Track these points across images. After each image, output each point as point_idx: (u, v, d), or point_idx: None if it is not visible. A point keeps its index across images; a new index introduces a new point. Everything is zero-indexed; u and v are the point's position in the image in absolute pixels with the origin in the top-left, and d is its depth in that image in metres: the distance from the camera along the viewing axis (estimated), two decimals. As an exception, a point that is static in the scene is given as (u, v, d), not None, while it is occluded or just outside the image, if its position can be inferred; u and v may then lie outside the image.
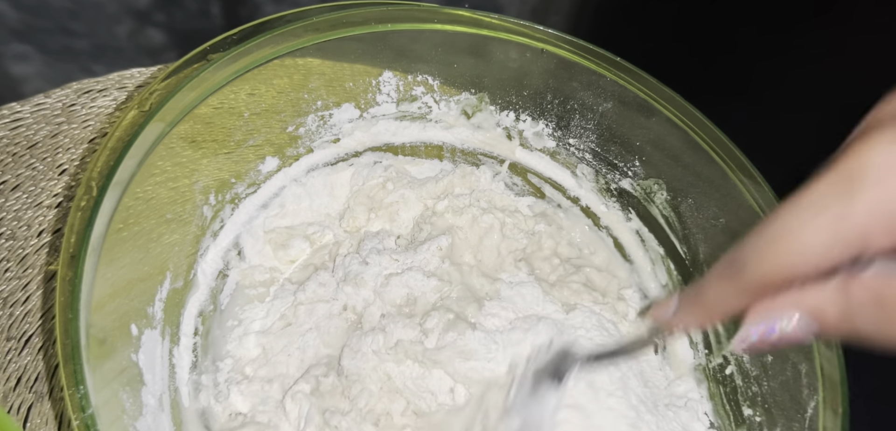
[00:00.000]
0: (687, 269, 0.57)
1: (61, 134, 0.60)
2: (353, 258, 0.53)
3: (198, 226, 0.52)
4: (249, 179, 0.56)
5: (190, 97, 0.46)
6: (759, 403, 0.49)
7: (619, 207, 0.61)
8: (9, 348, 0.50)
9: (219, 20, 0.64)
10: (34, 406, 0.48)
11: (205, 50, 0.47)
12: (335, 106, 0.58)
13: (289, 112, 0.56)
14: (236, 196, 0.55)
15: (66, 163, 0.59)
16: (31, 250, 0.54)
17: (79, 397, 0.34)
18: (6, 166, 0.57)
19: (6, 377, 0.49)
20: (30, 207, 0.56)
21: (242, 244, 0.55)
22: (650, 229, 0.59)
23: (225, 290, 0.53)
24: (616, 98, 0.56)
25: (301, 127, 0.57)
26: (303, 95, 0.56)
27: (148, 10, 0.62)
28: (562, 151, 0.62)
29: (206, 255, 0.53)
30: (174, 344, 0.48)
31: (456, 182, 0.61)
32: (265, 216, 0.56)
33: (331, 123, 0.59)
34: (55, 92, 0.62)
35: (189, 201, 0.51)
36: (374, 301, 0.51)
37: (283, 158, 0.58)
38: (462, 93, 0.60)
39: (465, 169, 0.62)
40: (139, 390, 0.42)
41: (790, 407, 0.46)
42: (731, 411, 0.51)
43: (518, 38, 0.54)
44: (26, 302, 0.52)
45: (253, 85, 0.51)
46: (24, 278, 0.53)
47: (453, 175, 0.61)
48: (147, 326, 0.45)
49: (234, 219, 0.55)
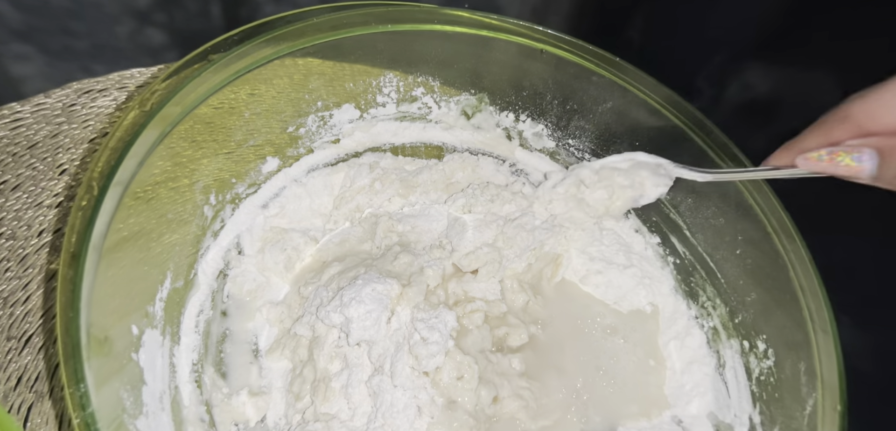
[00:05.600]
0: (687, 268, 0.57)
1: (61, 134, 0.60)
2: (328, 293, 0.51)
3: (198, 226, 0.52)
4: (250, 179, 0.56)
5: (191, 97, 0.46)
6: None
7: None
8: (9, 348, 0.50)
9: (219, 20, 0.64)
10: (34, 406, 0.48)
11: (205, 50, 0.47)
12: (335, 106, 0.58)
13: (289, 112, 0.56)
14: (237, 196, 0.55)
15: (66, 163, 0.59)
16: (32, 250, 0.55)
17: (79, 395, 0.34)
18: (6, 166, 0.58)
19: (6, 376, 0.49)
20: (30, 207, 0.56)
21: (243, 244, 0.55)
22: (650, 229, 0.60)
23: (225, 289, 0.53)
24: (615, 98, 0.56)
25: (301, 127, 0.57)
26: (303, 95, 0.56)
27: (148, 11, 0.61)
28: (561, 151, 0.62)
29: (207, 255, 0.53)
30: (175, 343, 0.48)
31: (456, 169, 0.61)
32: (266, 216, 0.56)
33: (331, 123, 0.59)
34: (55, 92, 0.62)
35: (190, 201, 0.51)
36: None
37: (284, 159, 0.58)
38: (462, 93, 0.60)
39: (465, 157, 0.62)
40: (140, 389, 0.42)
41: (789, 405, 0.46)
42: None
43: (518, 39, 0.54)
44: (27, 302, 0.52)
45: (253, 85, 0.51)
46: (24, 278, 0.53)
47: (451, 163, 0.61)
48: (148, 325, 0.45)
49: (235, 219, 0.55)
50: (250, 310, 0.53)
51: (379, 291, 0.47)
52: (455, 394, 0.46)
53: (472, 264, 0.53)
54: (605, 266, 0.56)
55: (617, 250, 0.57)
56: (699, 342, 0.54)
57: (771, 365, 0.49)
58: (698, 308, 0.56)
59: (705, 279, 0.55)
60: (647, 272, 0.57)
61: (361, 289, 0.47)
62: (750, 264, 0.52)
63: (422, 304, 0.48)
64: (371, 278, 0.48)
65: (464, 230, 0.54)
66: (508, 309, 0.52)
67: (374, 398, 0.46)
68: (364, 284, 0.48)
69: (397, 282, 0.48)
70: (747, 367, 0.51)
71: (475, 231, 0.54)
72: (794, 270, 0.48)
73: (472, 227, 0.54)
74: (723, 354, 0.53)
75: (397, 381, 0.45)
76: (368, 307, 0.46)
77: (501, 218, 0.55)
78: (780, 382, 0.48)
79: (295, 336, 0.50)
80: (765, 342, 0.50)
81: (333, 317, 0.46)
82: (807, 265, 0.47)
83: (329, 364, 0.48)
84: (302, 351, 0.49)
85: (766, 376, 0.49)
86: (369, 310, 0.46)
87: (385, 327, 0.47)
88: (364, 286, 0.47)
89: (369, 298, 0.47)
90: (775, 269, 0.49)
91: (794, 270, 0.48)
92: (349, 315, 0.46)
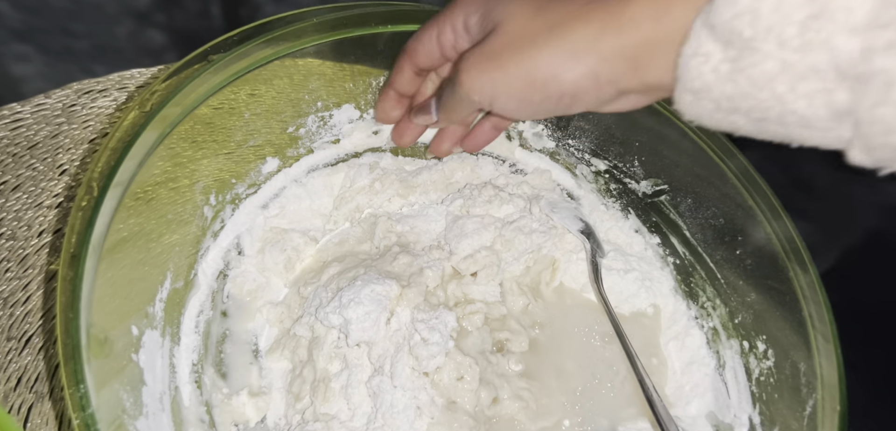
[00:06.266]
0: (687, 269, 0.57)
1: (61, 134, 0.60)
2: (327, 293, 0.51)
3: (198, 226, 0.52)
4: (250, 179, 0.56)
5: (191, 98, 0.46)
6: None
7: (618, 207, 0.61)
8: (9, 348, 0.50)
9: (219, 21, 0.64)
10: (35, 406, 0.49)
11: (205, 51, 0.47)
12: (335, 107, 0.58)
13: (289, 113, 0.56)
14: (237, 197, 0.55)
15: (66, 163, 0.59)
16: (32, 251, 0.55)
17: (79, 396, 0.34)
18: (6, 167, 0.58)
19: (6, 377, 0.49)
20: (30, 207, 0.56)
21: (243, 245, 0.55)
22: (650, 229, 0.60)
23: (225, 290, 0.53)
24: (615, 98, 0.56)
25: (301, 128, 0.57)
26: (303, 95, 0.56)
27: (148, 11, 0.61)
28: (561, 151, 0.62)
29: (207, 255, 0.53)
30: (175, 344, 0.48)
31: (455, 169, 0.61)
32: (265, 216, 0.56)
33: (331, 123, 0.59)
34: (55, 92, 0.62)
35: (190, 202, 0.51)
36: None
37: (284, 159, 0.58)
38: (462, 93, 0.60)
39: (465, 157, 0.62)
40: (140, 389, 0.42)
41: (789, 406, 0.46)
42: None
43: (518, 39, 0.54)
44: (27, 302, 0.52)
45: (254, 86, 0.51)
46: (24, 278, 0.53)
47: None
48: (148, 326, 0.45)
49: (235, 219, 0.55)
50: (250, 311, 0.53)
51: (378, 292, 0.47)
52: (455, 395, 0.46)
53: (471, 268, 0.53)
54: (605, 273, 0.56)
55: (615, 257, 0.57)
56: (699, 342, 0.54)
57: (771, 366, 0.49)
58: (698, 309, 0.56)
59: (705, 280, 0.55)
60: (648, 274, 0.57)
61: (360, 290, 0.47)
62: (750, 265, 0.52)
63: (422, 305, 0.48)
64: (370, 278, 0.48)
65: (462, 233, 0.54)
66: (508, 312, 0.52)
67: (374, 398, 0.46)
68: (363, 285, 0.47)
69: (396, 283, 0.48)
70: (747, 367, 0.51)
71: (473, 234, 0.54)
72: (794, 271, 0.48)
73: (471, 230, 0.54)
74: (722, 354, 0.54)
75: (397, 382, 0.45)
76: (367, 309, 0.46)
77: (499, 220, 0.55)
78: (780, 382, 0.48)
79: (294, 337, 0.50)
80: (764, 342, 0.50)
81: (332, 318, 0.46)
82: (807, 266, 0.47)
83: (329, 365, 0.48)
84: (301, 352, 0.49)
85: (766, 376, 0.49)
86: (368, 311, 0.46)
87: (384, 328, 0.47)
88: (363, 287, 0.47)
89: (368, 299, 0.47)
90: (775, 270, 0.49)
91: (794, 271, 0.48)
92: (348, 317, 0.46)
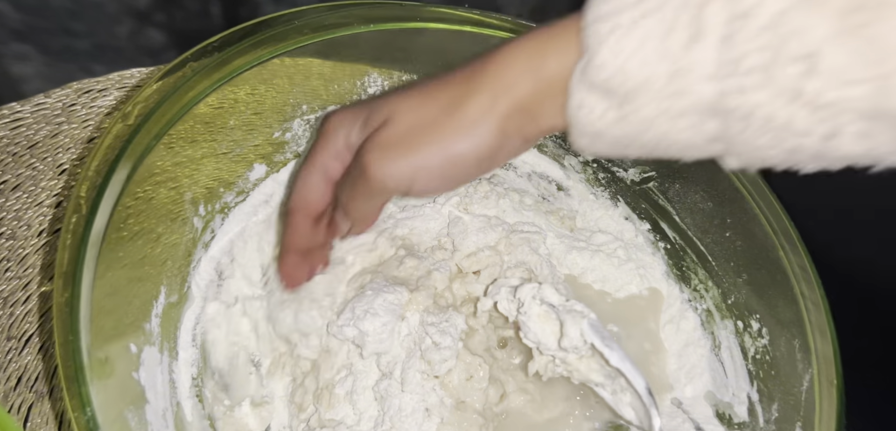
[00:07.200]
0: (678, 253, 0.58)
1: (61, 134, 0.61)
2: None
3: (189, 238, 0.51)
4: (238, 187, 0.55)
5: (178, 105, 0.45)
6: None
7: (607, 195, 0.62)
8: (9, 348, 0.50)
9: (219, 20, 0.63)
10: (34, 406, 0.49)
11: (185, 59, 0.46)
12: (321, 108, 0.57)
13: (274, 118, 0.55)
14: (226, 206, 0.54)
15: (66, 163, 0.60)
16: (32, 250, 0.55)
17: (86, 419, 0.34)
18: (6, 166, 0.58)
19: (6, 376, 0.49)
20: (30, 206, 0.57)
21: (234, 254, 0.54)
22: (640, 216, 0.60)
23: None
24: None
25: (288, 132, 0.57)
26: (288, 99, 0.55)
27: (148, 11, 0.61)
28: (548, 142, 0.62)
29: (199, 267, 0.52)
30: (173, 359, 0.47)
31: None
32: (255, 223, 0.55)
33: (317, 126, 0.58)
34: (55, 92, 0.62)
35: (179, 215, 0.50)
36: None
37: (271, 165, 0.57)
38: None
39: None
40: (143, 408, 0.41)
41: (786, 381, 0.48)
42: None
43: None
44: (26, 302, 0.53)
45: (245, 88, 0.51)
46: (24, 278, 0.54)
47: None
48: (145, 343, 0.44)
49: (225, 228, 0.54)
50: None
51: (390, 300, 0.46)
52: (465, 395, 0.46)
53: (474, 266, 0.53)
54: (601, 262, 0.57)
55: (615, 247, 0.58)
56: (693, 324, 0.55)
57: (766, 344, 0.50)
58: (691, 292, 0.57)
59: (696, 263, 0.57)
60: (640, 261, 0.58)
61: (373, 300, 0.46)
62: (740, 247, 0.53)
63: (431, 307, 0.48)
64: (379, 286, 0.47)
65: (466, 231, 0.54)
66: None
67: (381, 402, 0.45)
68: (374, 294, 0.46)
69: (405, 288, 0.48)
70: (742, 346, 0.53)
71: (478, 233, 0.54)
72: (784, 249, 0.49)
73: (475, 228, 0.54)
74: (717, 335, 0.55)
75: (407, 387, 0.45)
76: (384, 320, 0.45)
77: (507, 225, 0.55)
78: (776, 359, 0.49)
79: (295, 358, 0.49)
80: (758, 321, 0.51)
81: (347, 331, 0.45)
82: (795, 244, 0.49)
83: (333, 374, 0.47)
84: (304, 363, 0.49)
85: (762, 354, 0.51)
86: (385, 322, 0.45)
87: (397, 335, 0.47)
88: (375, 296, 0.46)
89: (383, 309, 0.45)
90: (765, 249, 0.50)
91: (784, 249, 0.49)
92: (364, 329, 0.45)
